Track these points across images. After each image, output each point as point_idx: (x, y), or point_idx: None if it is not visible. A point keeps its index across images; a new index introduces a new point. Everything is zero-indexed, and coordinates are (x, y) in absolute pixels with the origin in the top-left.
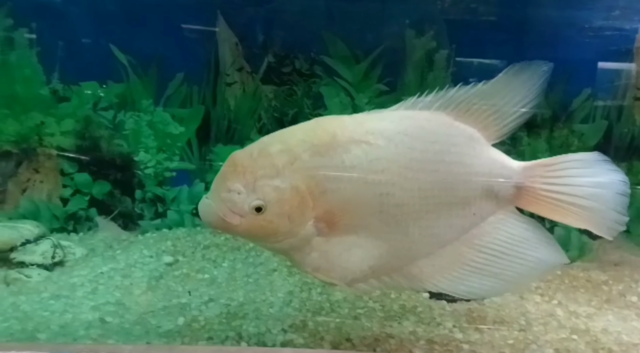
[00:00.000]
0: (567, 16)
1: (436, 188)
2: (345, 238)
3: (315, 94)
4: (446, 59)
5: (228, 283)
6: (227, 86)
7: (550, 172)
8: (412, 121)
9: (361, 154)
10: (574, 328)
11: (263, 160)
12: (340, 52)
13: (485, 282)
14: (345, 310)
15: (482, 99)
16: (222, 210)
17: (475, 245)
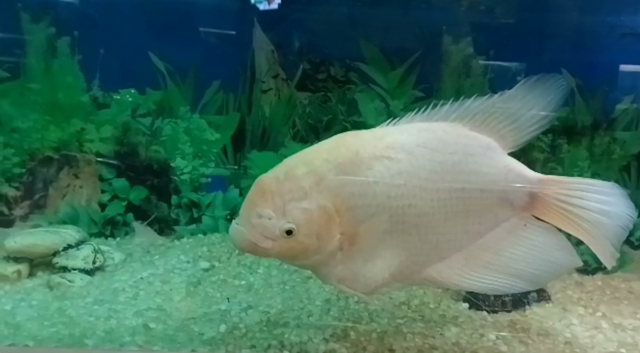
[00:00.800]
0: (609, 21)
1: (454, 197)
2: (367, 249)
3: (349, 101)
4: (484, 65)
5: (265, 290)
6: (262, 93)
7: (564, 189)
8: (431, 133)
9: (383, 169)
10: (621, 342)
11: (290, 183)
12: (375, 58)
13: (503, 281)
14: (384, 319)
15: (499, 110)
16: (253, 236)
17: (492, 248)
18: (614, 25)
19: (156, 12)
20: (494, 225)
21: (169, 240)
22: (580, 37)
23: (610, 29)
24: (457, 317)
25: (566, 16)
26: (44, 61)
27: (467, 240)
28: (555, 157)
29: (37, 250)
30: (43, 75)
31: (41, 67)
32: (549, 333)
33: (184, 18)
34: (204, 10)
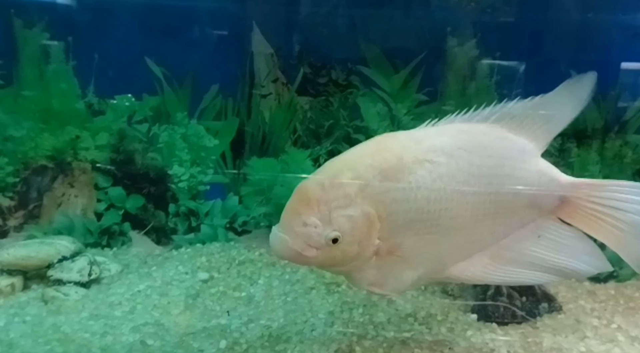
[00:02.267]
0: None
1: (487, 200)
2: (402, 253)
3: (351, 105)
4: (489, 67)
5: (266, 302)
6: (262, 98)
7: (597, 191)
8: (469, 135)
9: (425, 173)
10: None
11: (336, 191)
12: (378, 61)
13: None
14: (390, 333)
15: (537, 112)
16: (298, 245)
17: (515, 247)
18: (624, 25)
19: (152, 16)
20: (519, 226)
21: (167, 250)
22: (590, 37)
23: (620, 30)
24: (466, 330)
25: (575, 17)
26: (38, 68)
27: (491, 240)
28: (565, 161)
29: (31, 263)
30: (37, 82)
31: (35, 74)
32: (563, 347)
33: (180, 22)
34: (201, 14)
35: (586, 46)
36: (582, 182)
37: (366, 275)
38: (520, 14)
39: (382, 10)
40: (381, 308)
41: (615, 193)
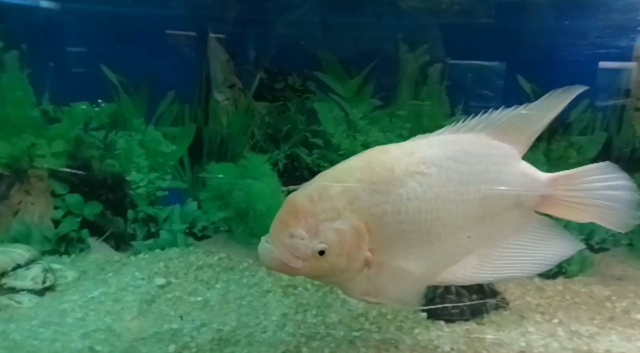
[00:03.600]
0: (565, 26)
1: (476, 205)
2: (394, 264)
3: (309, 110)
4: (440, 72)
5: (221, 306)
6: (219, 104)
7: (572, 181)
8: (457, 145)
9: (416, 185)
10: (575, 350)
11: (324, 203)
12: (333, 67)
13: (515, 269)
14: (340, 332)
15: (521, 121)
16: (285, 256)
17: (500, 245)
18: (567, 30)
19: (108, 23)
20: (504, 226)
21: (126, 256)
22: (536, 41)
23: (564, 33)
24: (414, 328)
25: (521, 20)
26: None
27: (479, 243)
28: None
29: None
30: None
31: None
32: (504, 343)
33: (136, 29)
34: (157, 21)
35: (532, 49)
36: (558, 176)
37: (359, 285)
38: (469, 20)
39: (336, 17)
40: (334, 309)
41: (586, 178)
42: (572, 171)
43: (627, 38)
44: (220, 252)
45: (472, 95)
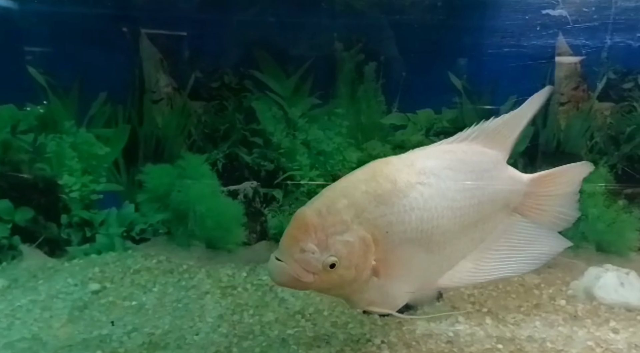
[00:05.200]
0: (493, 25)
1: (471, 211)
2: (397, 272)
3: (246, 109)
4: (375, 71)
5: (156, 309)
6: (153, 104)
7: (552, 180)
8: (453, 154)
9: (418, 195)
10: (499, 337)
11: (333, 217)
12: (269, 66)
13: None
14: (275, 331)
15: (505, 127)
16: (296, 271)
17: (493, 249)
18: (495, 29)
19: (35, 24)
20: (494, 228)
21: (60, 262)
22: (462, 41)
23: (492, 32)
24: (348, 323)
25: (449, 20)
26: None
27: (473, 247)
28: None
29: None
30: None
31: None
32: (433, 333)
33: (65, 30)
34: (86, 19)
35: (462, 46)
36: (537, 176)
37: (364, 295)
38: (401, 18)
39: (271, 16)
40: (272, 308)
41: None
42: (551, 171)
43: (551, 36)
44: (160, 255)
45: (407, 92)
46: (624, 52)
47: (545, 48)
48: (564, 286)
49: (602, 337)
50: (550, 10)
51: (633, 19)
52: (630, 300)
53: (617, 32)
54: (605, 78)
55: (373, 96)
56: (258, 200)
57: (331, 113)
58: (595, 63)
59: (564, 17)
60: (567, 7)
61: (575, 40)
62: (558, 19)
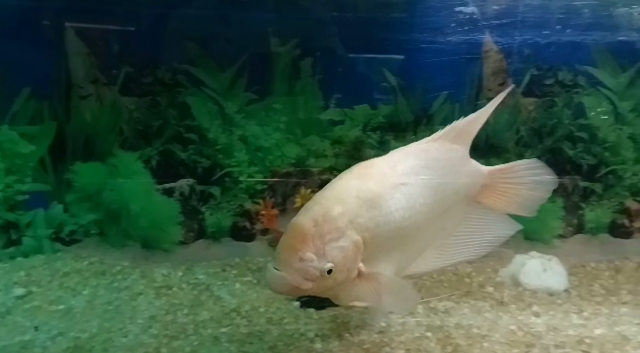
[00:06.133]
0: (423, 22)
1: (441, 205)
2: (378, 269)
3: (181, 104)
4: (312, 66)
5: (84, 313)
6: (81, 100)
7: (507, 173)
8: (428, 153)
9: (401, 196)
10: (429, 326)
11: (329, 225)
12: (204, 60)
13: (467, 253)
14: (208, 330)
15: (470, 124)
16: (296, 280)
17: (453, 235)
18: (426, 26)
19: None
20: (457, 218)
21: None
22: (395, 37)
23: (423, 30)
24: (284, 318)
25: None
26: None
27: (438, 235)
28: (384, 152)
29: None
30: None
31: None
32: (366, 324)
33: None
34: (7, 12)
35: (392, 45)
36: (495, 169)
37: (350, 292)
38: (337, 14)
39: (206, 10)
40: (207, 306)
41: (517, 171)
42: (505, 165)
43: (478, 33)
44: (92, 256)
45: (344, 88)
46: (546, 50)
47: (474, 45)
48: (493, 274)
49: (524, 321)
50: (477, 7)
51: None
52: (551, 285)
53: (534, 30)
54: (529, 74)
55: (310, 91)
56: (195, 198)
57: (269, 108)
58: (520, 60)
59: (491, 14)
60: (490, 4)
61: (500, 38)
62: (485, 16)
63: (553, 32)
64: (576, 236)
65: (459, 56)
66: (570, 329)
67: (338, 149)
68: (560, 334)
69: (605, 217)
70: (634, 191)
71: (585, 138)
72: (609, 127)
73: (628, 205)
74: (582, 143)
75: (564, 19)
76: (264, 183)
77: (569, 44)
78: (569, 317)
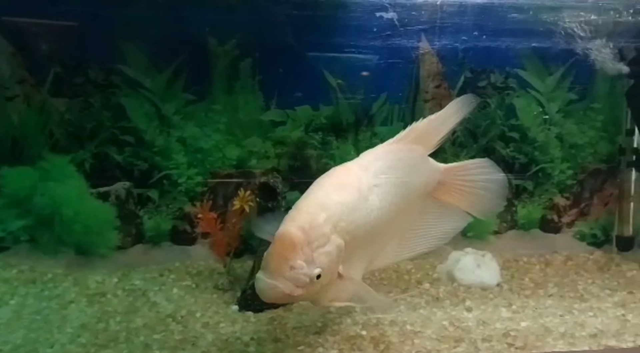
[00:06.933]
0: (362, 26)
1: (404, 202)
2: (353, 268)
3: (115, 106)
4: (251, 67)
5: (10, 323)
6: (7, 101)
7: (460, 171)
8: (393, 154)
9: (375, 197)
10: (365, 324)
11: (315, 232)
12: (139, 61)
13: (421, 248)
14: (141, 337)
15: (430, 127)
16: (288, 288)
17: (412, 229)
18: (366, 29)
19: None
20: (415, 212)
21: None
22: (337, 39)
23: (362, 32)
24: (220, 323)
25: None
26: None
27: (400, 230)
28: (327, 153)
29: None
30: None
31: None
32: (304, 326)
33: None
34: None
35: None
36: (451, 166)
37: (328, 294)
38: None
39: (140, 9)
40: (142, 313)
41: (471, 169)
42: (460, 163)
43: (414, 37)
44: (22, 264)
45: (285, 89)
46: (480, 53)
47: (411, 48)
48: (431, 271)
49: (457, 316)
50: (413, 12)
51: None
52: (485, 280)
53: (467, 34)
54: (463, 77)
55: (251, 92)
56: (132, 201)
57: (208, 110)
58: (454, 63)
59: (427, 19)
60: (429, 9)
61: (436, 42)
62: (424, 20)
63: (485, 37)
64: (510, 232)
65: (399, 58)
66: (498, 323)
67: (280, 150)
68: (489, 328)
69: (536, 213)
70: (562, 188)
71: (517, 137)
72: (538, 128)
73: (557, 201)
74: (514, 143)
75: (496, 24)
76: (204, 185)
77: (500, 48)
78: (499, 310)
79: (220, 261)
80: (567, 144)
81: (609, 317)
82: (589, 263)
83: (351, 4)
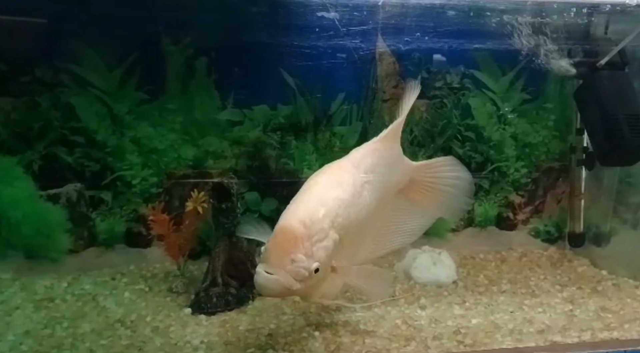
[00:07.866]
0: (318, 24)
1: (385, 195)
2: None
3: (65, 105)
4: (207, 65)
5: None
6: None
7: (429, 169)
8: (378, 151)
9: (367, 193)
10: (319, 324)
11: (315, 226)
12: (89, 59)
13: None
14: (86, 343)
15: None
16: (288, 281)
17: (384, 226)
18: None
19: None
20: (389, 209)
21: None
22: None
23: (320, 31)
24: (170, 326)
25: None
26: None
27: (376, 227)
28: (286, 153)
29: None
30: None
31: None
32: (256, 328)
33: None
34: None
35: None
36: (420, 164)
37: (318, 290)
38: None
39: (90, 6)
40: (90, 318)
41: (439, 167)
42: (429, 161)
43: (372, 36)
44: None
45: (241, 88)
46: (436, 54)
47: (368, 48)
48: (389, 269)
49: (410, 314)
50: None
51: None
52: (440, 278)
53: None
54: (420, 77)
55: (206, 91)
56: (83, 203)
57: (162, 109)
58: (411, 63)
59: (383, 19)
60: (383, 10)
61: (393, 42)
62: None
63: (440, 38)
64: (467, 230)
65: (355, 58)
66: (450, 320)
67: (238, 150)
68: (440, 326)
69: (492, 211)
70: (517, 186)
71: (472, 137)
72: (493, 127)
73: (512, 199)
74: (470, 142)
75: (451, 25)
76: (159, 186)
77: (455, 49)
78: (452, 308)
79: (175, 263)
80: (521, 143)
81: (557, 313)
82: (542, 259)
83: (304, 3)
